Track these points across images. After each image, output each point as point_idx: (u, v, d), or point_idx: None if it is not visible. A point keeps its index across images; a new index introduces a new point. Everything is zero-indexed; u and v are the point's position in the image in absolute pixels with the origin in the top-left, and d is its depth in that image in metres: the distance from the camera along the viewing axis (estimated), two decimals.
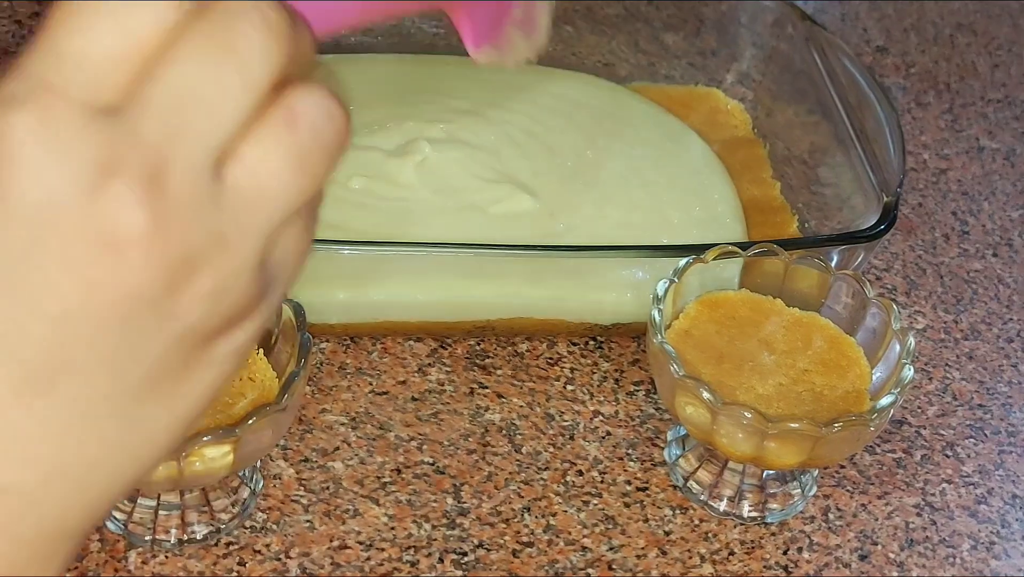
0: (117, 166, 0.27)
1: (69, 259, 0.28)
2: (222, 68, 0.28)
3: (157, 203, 0.27)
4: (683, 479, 0.65)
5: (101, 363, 0.29)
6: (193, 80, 0.28)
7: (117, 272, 0.28)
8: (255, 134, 0.29)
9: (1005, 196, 0.87)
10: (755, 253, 0.65)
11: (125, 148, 0.27)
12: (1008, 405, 0.72)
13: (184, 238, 0.28)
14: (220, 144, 0.28)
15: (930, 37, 1.02)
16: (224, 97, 0.28)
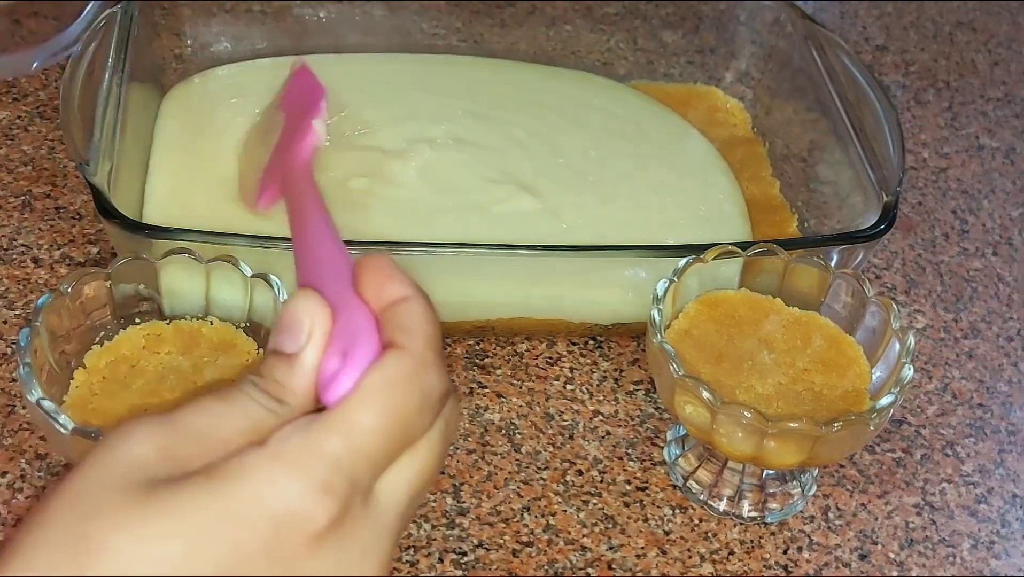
0: (329, 490, 0.37)
1: (267, 534, 0.36)
2: (426, 452, 0.40)
3: (340, 517, 0.37)
4: (683, 479, 0.65)
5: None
6: (423, 478, 0.40)
7: (300, 550, 0.36)
8: (407, 464, 0.39)
9: (1005, 194, 0.87)
10: (755, 253, 0.65)
11: (337, 480, 0.37)
12: (1008, 404, 0.72)
13: (346, 534, 0.37)
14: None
15: (929, 35, 1.02)
16: (410, 480, 0.40)
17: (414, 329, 0.39)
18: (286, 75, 0.84)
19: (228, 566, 0.35)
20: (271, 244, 0.63)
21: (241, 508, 0.36)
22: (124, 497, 0.35)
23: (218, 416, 0.38)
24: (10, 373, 0.67)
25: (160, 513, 0.35)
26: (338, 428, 0.37)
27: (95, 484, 0.36)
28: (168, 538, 0.35)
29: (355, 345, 0.39)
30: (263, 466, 0.36)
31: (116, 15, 0.74)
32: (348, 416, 0.38)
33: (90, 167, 0.64)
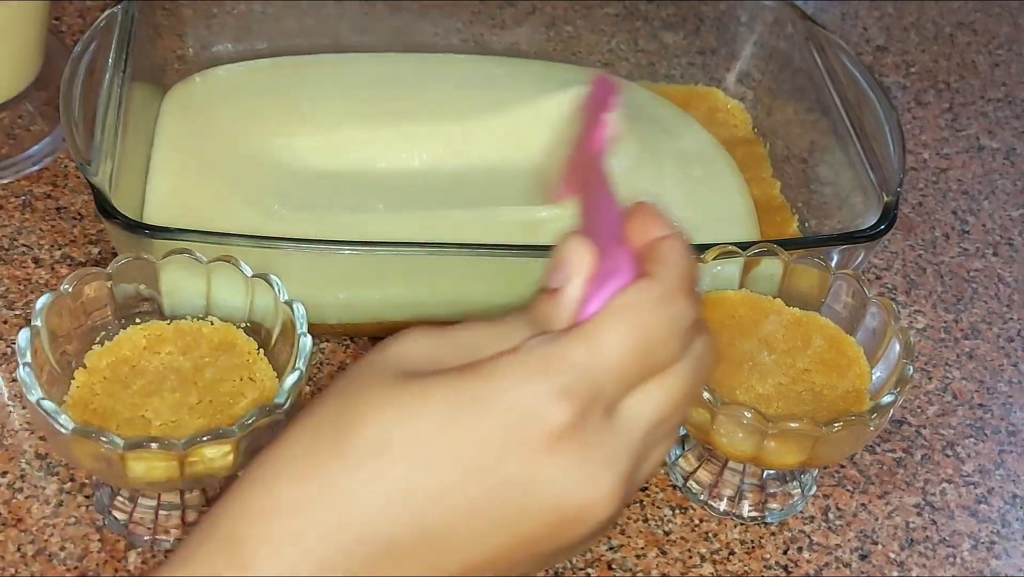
0: (569, 394, 0.39)
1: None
2: (674, 381, 0.41)
3: (579, 422, 0.39)
4: (683, 479, 0.65)
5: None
6: (667, 407, 0.41)
7: (537, 446, 0.38)
8: (653, 389, 0.41)
9: (1005, 195, 0.87)
10: (755, 253, 0.65)
11: (579, 386, 0.39)
12: (1008, 404, 0.72)
13: (584, 440, 0.39)
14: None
15: (930, 36, 1.02)
16: (657, 405, 0.41)
17: (667, 261, 0.42)
18: (288, 74, 0.84)
19: (469, 451, 0.38)
20: (271, 244, 0.63)
21: (487, 398, 0.38)
22: (386, 382, 0.39)
23: (483, 333, 0.41)
24: (10, 373, 0.67)
25: (414, 394, 0.39)
26: (583, 340, 0.40)
27: (367, 371, 0.40)
28: (418, 416, 0.38)
29: (611, 276, 0.41)
30: (511, 366, 0.39)
31: (116, 15, 0.74)
32: (594, 330, 0.40)
33: (91, 167, 0.64)
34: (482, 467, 0.38)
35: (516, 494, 0.38)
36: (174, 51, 0.83)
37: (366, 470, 0.38)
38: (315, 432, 0.39)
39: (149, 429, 0.56)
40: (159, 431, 0.56)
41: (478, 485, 0.38)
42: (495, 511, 0.38)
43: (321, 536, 0.38)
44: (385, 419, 0.38)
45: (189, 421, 0.56)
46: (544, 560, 0.41)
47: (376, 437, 0.38)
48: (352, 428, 0.39)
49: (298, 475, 0.39)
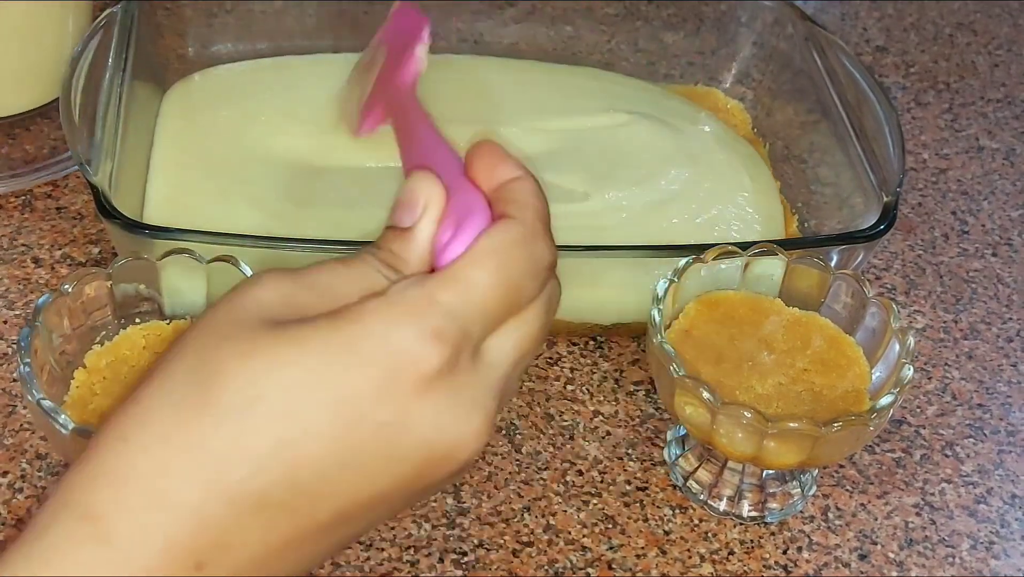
0: (440, 337, 0.39)
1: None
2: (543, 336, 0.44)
3: (450, 364, 0.39)
4: (683, 479, 0.65)
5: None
6: (528, 345, 0.43)
7: (409, 390, 0.38)
8: (514, 327, 0.42)
9: (1005, 195, 0.87)
10: (755, 253, 0.65)
11: (449, 329, 0.39)
12: (1008, 405, 0.72)
13: (454, 382, 0.39)
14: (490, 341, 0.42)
15: (930, 36, 1.02)
16: (517, 343, 0.42)
17: (524, 202, 0.42)
18: (288, 74, 0.84)
19: (342, 400, 0.37)
20: (271, 244, 0.63)
21: (359, 345, 0.38)
22: (249, 331, 0.38)
23: (339, 275, 0.41)
24: (10, 373, 0.67)
25: (282, 344, 0.38)
26: (452, 282, 0.40)
27: (223, 320, 0.39)
28: (287, 366, 0.37)
29: (467, 217, 0.41)
30: (381, 310, 0.39)
31: (116, 15, 0.74)
32: (462, 272, 0.40)
33: (91, 167, 0.64)
34: (355, 415, 0.38)
35: (389, 439, 0.38)
36: (174, 50, 0.83)
37: (234, 425, 0.36)
38: (175, 387, 0.37)
39: None
40: None
41: (351, 434, 0.38)
42: (368, 457, 0.38)
43: (187, 500, 0.36)
44: (253, 371, 0.37)
45: None
46: (411, 499, 0.41)
47: (244, 390, 0.37)
48: (216, 381, 0.37)
49: (158, 435, 0.37)
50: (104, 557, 0.36)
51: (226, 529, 0.37)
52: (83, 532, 0.36)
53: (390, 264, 0.42)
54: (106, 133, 0.67)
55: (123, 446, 0.37)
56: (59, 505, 0.37)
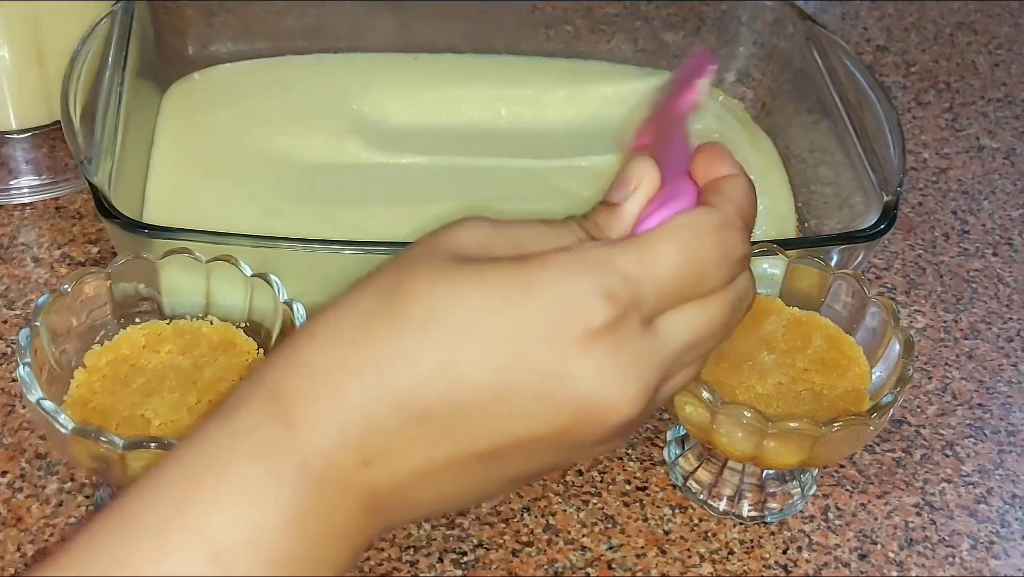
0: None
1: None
2: (723, 332, 0.44)
3: (615, 323, 0.40)
4: (682, 478, 0.65)
5: (517, 465, 0.42)
6: (704, 331, 0.44)
7: (574, 340, 0.40)
8: (693, 310, 0.43)
9: (1005, 195, 0.87)
10: (755, 253, 0.65)
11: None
12: (1008, 405, 0.72)
13: (618, 342, 0.40)
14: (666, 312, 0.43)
15: (930, 36, 1.02)
16: (693, 326, 0.43)
17: (729, 196, 0.44)
18: (288, 74, 0.84)
19: (511, 336, 0.40)
20: (271, 244, 0.63)
21: (534, 287, 0.40)
22: (441, 261, 0.41)
23: (538, 232, 0.43)
24: (10, 373, 0.67)
25: (466, 276, 0.40)
26: (635, 248, 0.41)
27: (421, 252, 0.42)
28: (469, 296, 0.40)
29: (672, 199, 0.43)
30: (561, 260, 0.41)
31: (116, 14, 0.74)
32: (647, 242, 0.42)
33: (91, 166, 0.64)
34: (519, 353, 0.39)
35: (546, 382, 0.40)
36: (174, 50, 0.83)
37: (410, 340, 0.39)
38: (367, 299, 0.41)
39: (148, 428, 0.56)
40: (159, 430, 0.56)
41: (512, 369, 0.40)
42: (526, 397, 0.40)
43: (360, 399, 0.39)
44: (437, 295, 0.40)
45: (188, 420, 0.56)
46: (563, 455, 0.42)
47: (426, 310, 0.40)
48: (404, 300, 0.40)
49: (347, 338, 0.40)
50: (284, 437, 0.39)
51: (391, 433, 0.39)
52: (270, 411, 0.40)
53: (591, 233, 0.44)
54: (106, 132, 0.67)
55: (312, 341, 0.41)
56: (252, 388, 0.41)
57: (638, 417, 0.41)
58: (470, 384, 0.39)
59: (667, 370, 0.42)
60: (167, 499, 0.39)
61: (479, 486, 0.42)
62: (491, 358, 0.39)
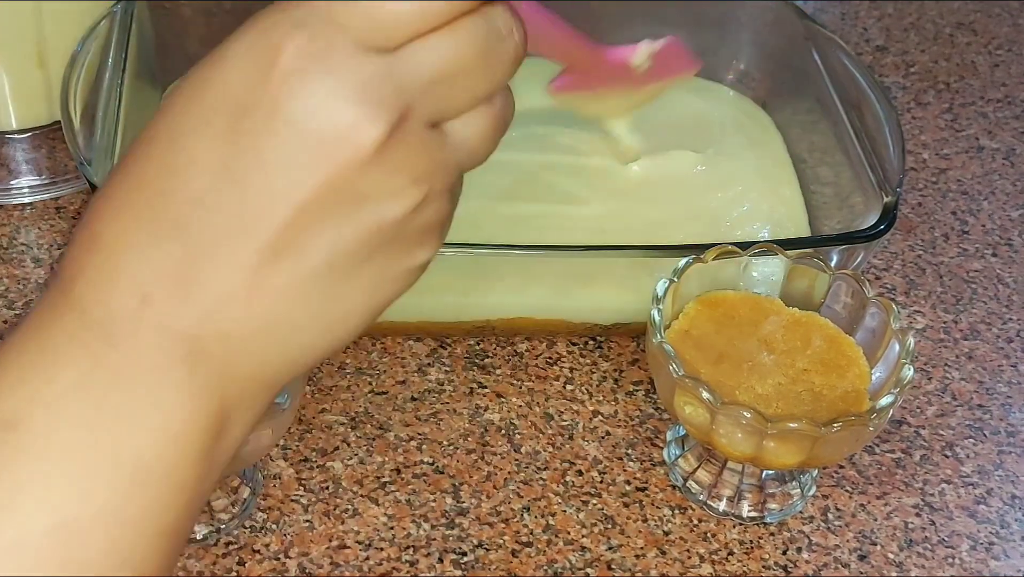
0: (373, 94, 0.36)
1: (316, 151, 0.36)
2: (479, 67, 0.38)
3: (395, 131, 0.36)
4: (682, 479, 0.65)
5: (319, 242, 0.37)
6: (454, 62, 0.37)
7: (350, 166, 0.36)
8: (477, 113, 0.39)
9: (1005, 196, 0.87)
10: (755, 253, 0.65)
11: (383, 84, 0.36)
12: (1008, 405, 0.72)
13: (405, 160, 0.37)
14: (453, 114, 0.38)
15: (930, 36, 1.02)
16: (470, 87, 0.38)
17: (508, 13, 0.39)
18: None
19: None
20: None
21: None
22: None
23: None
24: None
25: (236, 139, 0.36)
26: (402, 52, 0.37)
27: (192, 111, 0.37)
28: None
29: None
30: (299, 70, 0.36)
31: (116, 14, 0.74)
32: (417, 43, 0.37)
33: (90, 166, 0.64)
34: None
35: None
36: (174, 50, 0.83)
37: (167, 182, 0.37)
38: (130, 177, 0.38)
39: None
40: None
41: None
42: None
43: (138, 238, 0.37)
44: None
45: None
46: (359, 231, 0.38)
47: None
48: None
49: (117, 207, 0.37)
50: (62, 301, 0.37)
51: (155, 261, 0.37)
52: (59, 299, 0.37)
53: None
54: (105, 133, 0.67)
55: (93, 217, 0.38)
56: (49, 281, 0.40)
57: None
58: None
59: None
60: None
61: (317, 310, 0.38)
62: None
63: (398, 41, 0.36)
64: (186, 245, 0.36)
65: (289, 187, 0.36)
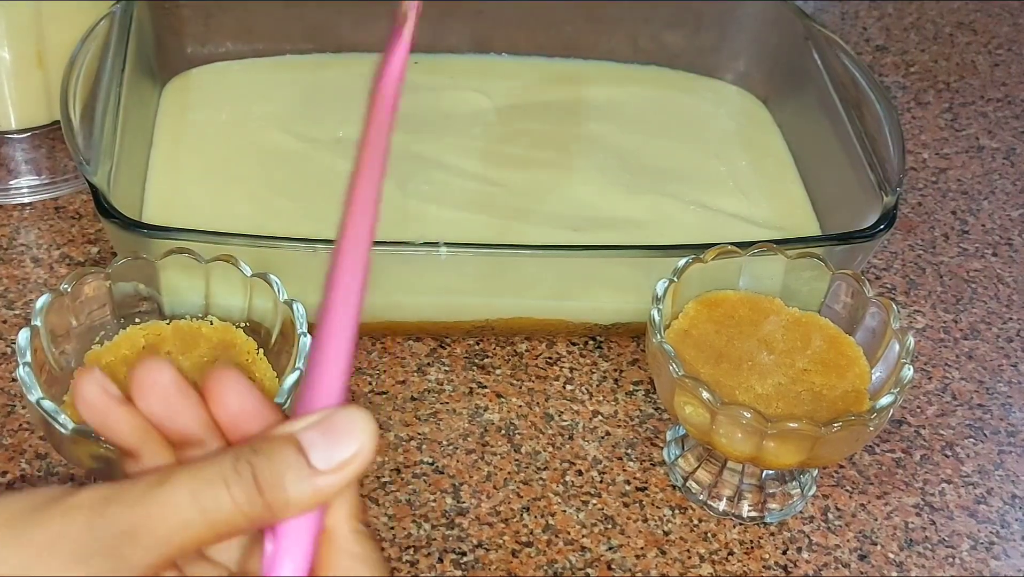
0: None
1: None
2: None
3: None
4: (682, 479, 0.65)
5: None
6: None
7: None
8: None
9: (1005, 195, 0.87)
10: (755, 253, 0.65)
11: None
12: (1008, 405, 0.72)
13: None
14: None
15: (930, 36, 1.02)
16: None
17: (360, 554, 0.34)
18: (286, 72, 0.84)
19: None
20: (271, 244, 0.63)
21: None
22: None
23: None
24: (10, 373, 0.67)
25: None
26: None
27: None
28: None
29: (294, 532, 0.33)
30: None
31: (115, 14, 0.74)
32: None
33: (90, 167, 0.64)
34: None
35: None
36: (173, 50, 0.83)
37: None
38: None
39: None
40: None
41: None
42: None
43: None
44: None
45: None
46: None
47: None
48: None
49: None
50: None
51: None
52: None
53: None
54: (105, 133, 0.67)
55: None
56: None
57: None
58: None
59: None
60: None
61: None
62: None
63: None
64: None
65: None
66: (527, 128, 0.82)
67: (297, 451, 0.33)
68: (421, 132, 0.80)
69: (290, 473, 0.32)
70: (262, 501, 0.32)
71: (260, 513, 0.32)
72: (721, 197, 0.78)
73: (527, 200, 0.76)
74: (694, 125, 0.85)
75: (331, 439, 0.33)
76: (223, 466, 0.32)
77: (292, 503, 0.32)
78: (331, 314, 0.37)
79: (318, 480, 0.33)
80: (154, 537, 0.31)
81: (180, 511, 0.31)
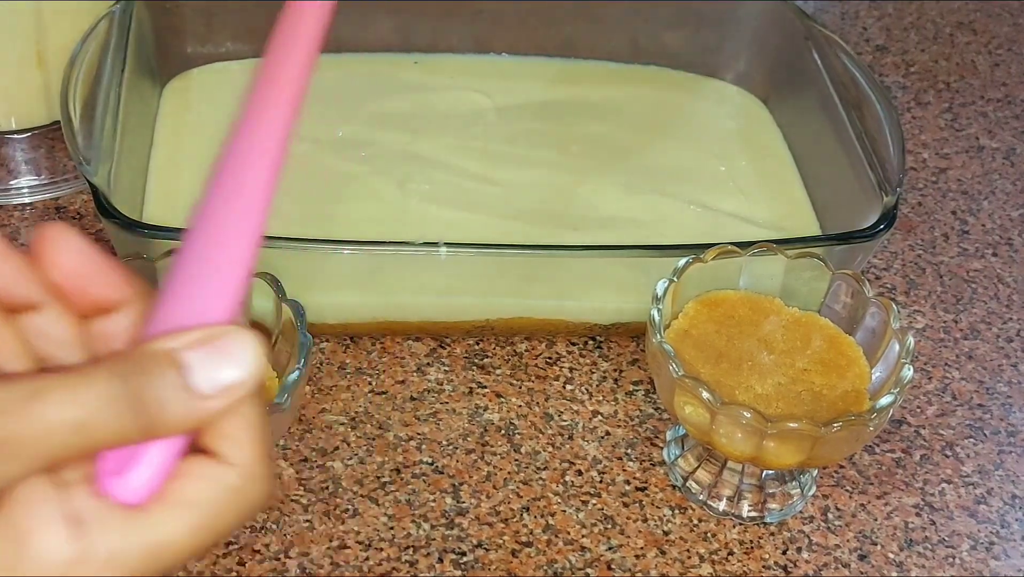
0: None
1: None
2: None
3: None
4: (682, 479, 0.65)
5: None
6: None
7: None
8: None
9: (1005, 195, 0.87)
10: (755, 253, 0.65)
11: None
12: (1008, 405, 0.72)
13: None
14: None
15: (930, 36, 1.02)
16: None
17: (241, 438, 0.33)
18: None
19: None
20: (271, 244, 0.63)
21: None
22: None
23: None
24: None
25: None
26: (136, 534, 0.32)
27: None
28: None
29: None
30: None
31: (115, 14, 0.74)
32: (152, 528, 0.32)
33: (90, 167, 0.64)
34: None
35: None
36: (173, 50, 0.83)
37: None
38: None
39: None
40: None
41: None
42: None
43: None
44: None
45: None
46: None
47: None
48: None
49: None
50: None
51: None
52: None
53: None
54: (105, 133, 0.67)
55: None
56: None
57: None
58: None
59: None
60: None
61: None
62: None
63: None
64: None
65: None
66: (527, 128, 0.82)
67: (177, 371, 0.32)
68: (421, 132, 0.80)
69: (169, 394, 0.31)
70: (138, 423, 0.31)
71: (134, 434, 0.31)
72: (721, 197, 0.78)
73: (527, 200, 0.76)
74: (694, 125, 0.85)
75: (215, 361, 0.32)
76: (98, 384, 0.31)
77: (169, 426, 0.32)
78: (222, 213, 0.34)
79: (198, 404, 0.32)
80: (25, 451, 0.30)
81: (53, 430, 0.30)
